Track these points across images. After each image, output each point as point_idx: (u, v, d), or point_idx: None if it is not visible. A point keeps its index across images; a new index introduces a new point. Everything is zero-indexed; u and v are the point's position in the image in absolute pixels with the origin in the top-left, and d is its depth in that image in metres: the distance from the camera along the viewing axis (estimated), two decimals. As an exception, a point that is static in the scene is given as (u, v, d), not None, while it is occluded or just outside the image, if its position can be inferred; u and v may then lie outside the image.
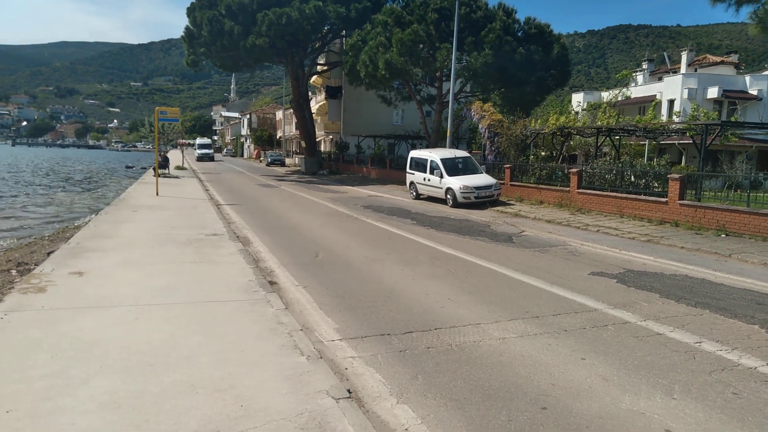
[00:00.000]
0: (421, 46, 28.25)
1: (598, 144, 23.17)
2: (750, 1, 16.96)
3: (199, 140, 71.98)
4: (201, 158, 61.72)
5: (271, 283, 7.90)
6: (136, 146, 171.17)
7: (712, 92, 35.85)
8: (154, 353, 4.96)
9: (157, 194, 19.65)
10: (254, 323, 5.89)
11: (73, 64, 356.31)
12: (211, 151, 66.65)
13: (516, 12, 29.58)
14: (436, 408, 4.28)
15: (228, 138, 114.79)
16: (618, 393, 4.60)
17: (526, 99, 31.14)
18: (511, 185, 21.39)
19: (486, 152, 25.03)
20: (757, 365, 5.23)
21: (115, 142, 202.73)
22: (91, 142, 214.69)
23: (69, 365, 4.63)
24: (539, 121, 30.16)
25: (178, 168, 37.74)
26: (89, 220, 14.46)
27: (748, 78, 38.37)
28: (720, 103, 36.49)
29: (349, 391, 4.41)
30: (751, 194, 13.87)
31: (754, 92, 36.83)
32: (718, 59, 46.36)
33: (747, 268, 9.81)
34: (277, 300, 6.82)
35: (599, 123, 24.92)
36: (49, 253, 9.68)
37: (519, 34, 29.00)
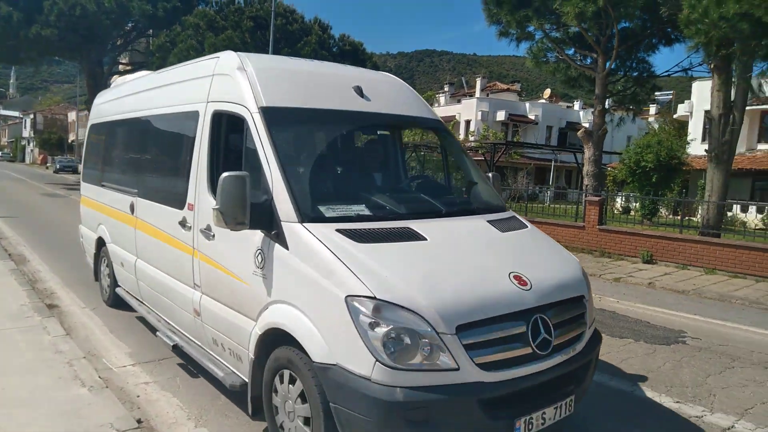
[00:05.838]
0: (236, 53, 27.54)
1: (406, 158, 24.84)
2: (527, 38, 19.78)
3: None
4: None
5: (51, 306, 6.88)
6: None
7: (500, 115, 40.96)
8: None
9: None
10: (22, 355, 5.03)
11: None
12: None
13: (331, 28, 30.59)
14: (237, 427, 4.08)
15: (5, 140, 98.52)
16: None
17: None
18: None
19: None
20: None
21: None
22: None
23: None
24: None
25: (-66, 174, 31.30)
26: None
27: (528, 104, 44.63)
28: (507, 125, 41.81)
29: (139, 420, 3.99)
30: (530, 205, 16.09)
31: (532, 117, 42.95)
32: (505, 87, 53.13)
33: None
34: (57, 326, 5.94)
35: (406, 139, 26.77)
36: None
37: (334, 50, 29.89)
